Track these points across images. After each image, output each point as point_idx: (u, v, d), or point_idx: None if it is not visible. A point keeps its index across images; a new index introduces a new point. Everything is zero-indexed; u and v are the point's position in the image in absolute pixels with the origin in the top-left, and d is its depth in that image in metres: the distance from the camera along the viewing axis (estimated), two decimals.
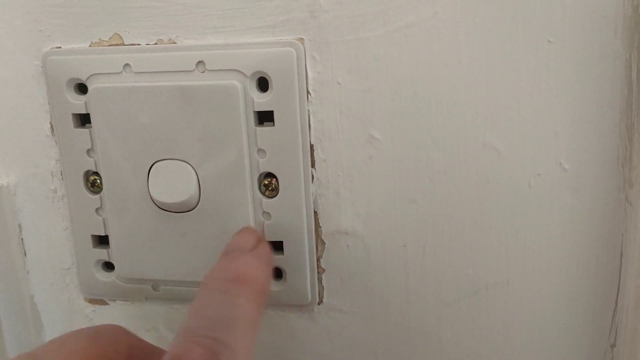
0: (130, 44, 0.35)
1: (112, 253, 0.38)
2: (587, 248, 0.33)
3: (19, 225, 0.40)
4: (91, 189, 0.38)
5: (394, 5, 0.31)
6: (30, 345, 0.41)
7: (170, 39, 0.35)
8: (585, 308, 0.34)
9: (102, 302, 0.41)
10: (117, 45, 0.35)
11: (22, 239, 0.40)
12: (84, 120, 0.37)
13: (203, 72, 0.34)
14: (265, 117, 0.34)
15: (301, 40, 0.33)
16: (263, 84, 0.34)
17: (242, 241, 0.31)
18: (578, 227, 0.33)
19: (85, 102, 0.36)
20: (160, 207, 0.36)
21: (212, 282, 0.28)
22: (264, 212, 0.35)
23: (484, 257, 0.34)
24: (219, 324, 0.26)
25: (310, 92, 0.34)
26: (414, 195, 0.34)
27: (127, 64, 0.35)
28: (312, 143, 0.34)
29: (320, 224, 0.36)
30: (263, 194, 0.35)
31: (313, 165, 0.35)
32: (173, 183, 0.35)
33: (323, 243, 0.36)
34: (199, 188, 0.35)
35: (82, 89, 0.36)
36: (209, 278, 0.29)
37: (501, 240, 0.34)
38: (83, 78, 0.35)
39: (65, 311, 0.41)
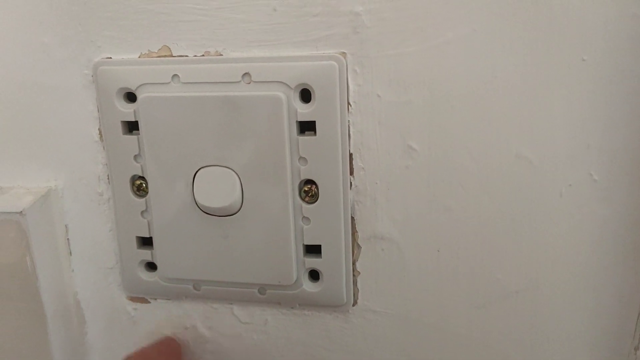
0: (178, 56, 0.37)
1: (155, 254, 0.40)
2: (614, 256, 0.35)
3: (66, 226, 0.42)
4: (137, 192, 0.39)
5: (433, 22, 0.33)
6: (73, 340, 0.43)
7: (217, 51, 0.36)
8: (611, 313, 0.36)
9: (144, 301, 0.42)
10: (165, 56, 0.37)
11: (68, 239, 0.42)
12: (131, 127, 0.38)
13: (249, 83, 0.35)
14: (307, 127, 0.36)
15: (343, 54, 0.35)
16: (306, 95, 0.35)
17: None
18: (606, 236, 0.34)
19: (134, 110, 0.37)
20: (203, 211, 0.38)
21: None
22: (303, 217, 0.37)
23: (515, 263, 0.36)
24: None
25: (351, 103, 0.35)
26: (448, 203, 0.36)
27: (175, 75, 0.36)
28: (351, 152, 0.36)
29: (357, 229, 0.37)
30: (303, 199, 0.37)
31: (352, 173, 0.36)
32: (217, 188, 0.37)
33: (359, 247, 0.38)
34: (242, 193, 0.37)
35: (131, 97, 0.38)
36: None
37: (532, 247, 0.35)
38: (133, 87, 0.37)
39: (107, 308, 0.43)
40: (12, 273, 0.40)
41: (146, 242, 0.41)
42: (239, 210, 0.37)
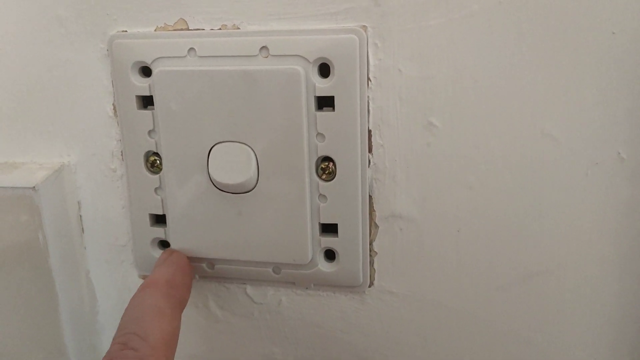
0: (195, 29, 0.36)
1: (168, 231, 0.39)
2: None
3: (78, 203, 0.42)
4: (151, 169, 0.39)
5: None
6: (85, 318, 0.43)
7: (234, 25, 0.35)
8: (635, 298, 0.35)
9: None
10: (182, 29, 0.36)
11: (80, 215, 0.42)
12: (146, 102, 0.38)
13: (266, 57, 0.35)
14: (325, 102, 0.35)
15: (364, 27, 0.34)
16: (324, 70, 0.35)
17: (157, 261, 0.38)
18: (633, 217, 0.34)
19: (149, 85, 0.37)
20: (218, 188, 0.37)
21: (131, 298, 0.35)
22: (320, 194, 0.36)
23: (537, 244, 0.35)
24: (130, 321, 0.32)
25: (371, 78, 0.34)
26: (470, 181, 0.35)
27: (191, 48, 0.36)
28: (370, 129, 0.35)
29: (375, 208, 0.37)
30: (320, 177, 0.36)
31: (370, 151, 0.36)
32: (233, 164, 0.36)
33: (376, 226, 0.37)
34: (258, 170, 0.36)
35: (146, 72, 0.37)
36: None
37: (555, 228, 0.35)
38: (148, 61, 0.36)
39: (119, 287, 0.43)
40: (24, 249, 0.39)
41: (159, 219, 0.40)
42: (255, 187, 0.36)
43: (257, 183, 0.36)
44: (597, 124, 0.32)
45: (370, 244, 0.37)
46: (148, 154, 0.39)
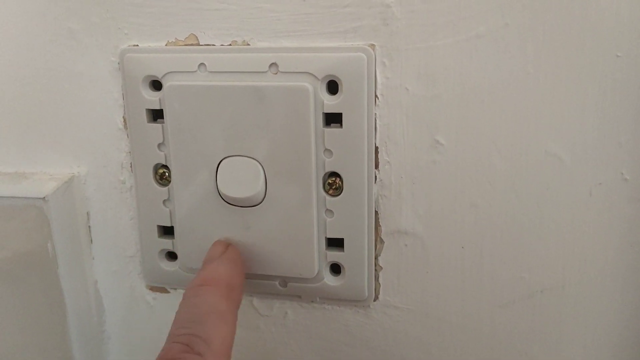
0: (205, 44, 0.37)
1: (176, 243, 0.40)
2: None
3: (87, 213, 0.42)
4: (160, 181, 0.39)
5: (465, 15, 0.33)
6: (92, 328, 0.43)
7: (244, 41, 0.36)
8: (637, 316, 0.35)
9: (164, 290, 0.42)
10: (192, 45, 0.37)
11: (89, 226, 0.42)
12: (156, 115, 0.38)
13: (276, 73, 0.35)
14: (333, 119, 0.36)
15: (372, 46, 0.34)
16: (333, 87, 0.35)
17: (212, 252, 0.37)
18: (636, 236, 0.34)
19: (160, 99, 0.37)
20: (226, 202, 0.37)
21: (187, 292, 0.33)
22: (327, 209, 0.37)
23: (541, 262, 0.35)
24: (192, 322, 0.30)
25: (379, 96, 0.35)
26: (474, 200, 0.35)
27: (202, 64, 0.36)
28: (377, 145, 0.36)
29: (381, 224, 0.37)
30: (327, 192, 0.36)
31: (377, 167, 0.36)
32: (241, 179, 0.36)
33: (382, 242, 0.37)
34: (265, 184, 0.37)
35: (156, 86, 0.38)
36: (186, 289, 0.34)
37: (559, 246, 0.35)
38: (159, 75, 0.37)
39: (126, 297, 0.43)
40: (33, 259, 0.40)
41: (167, 231, 0.41)
42: (262, 201, 0.37)
43: (264, 197, 0.37)
44: (601, 144, 0.33)
45: (376, 258, 0.38)
46: (157, 167, 0.39)
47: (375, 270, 0.38)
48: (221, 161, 0.37)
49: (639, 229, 0.34)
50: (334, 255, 0.38)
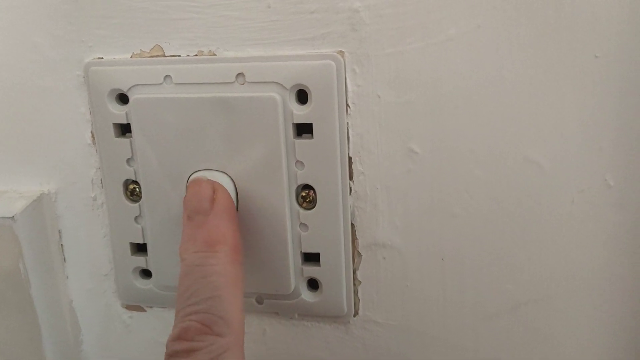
0: (171, 56, 0.35)
1: (149, 261, 0.39)
2: (630, 266, 0.33)
3: (59, 232, 0.41)
4: (130, 197, 0.38)
5: (435, 18, 0.31)
6: (69, 348, 0.42)
7: (210, 51, 0.35)
8: (625, 324, 0.34)
9: (140, 309, 0.41)
10: (158, 56, 0.36)
11: (61, 245, 0.41)
12: (124, 130, 0.37)
13: (243, 84, 0.34)
14: (304, 130, 0.34)
15: (341, 53, 0.33)
16: (302, 96, 0.34)
17: (200, 199, 0.32)
18: (622, 244, 0.32)
19: (126, 113, 0.36)
20: None
21: (188, 257, 0.30)
22: (301, 223, 0.35)
23: (525, 273, 0.34)
24: (204, 296, 0.28)
25: (350, 105, 0.34)
26: (453, 209, 0.34)
27: (167, 75, 0.35)
28: (350, 156, 0.34)
29: (357, 236, 0.36)
30: (300, 205, 0.35)
31: (351, 178, 0.35)
32: None
33: (360, 255, 0.36)
34: (237, 199, 0.35)
35: (123, 99, 0.36)
36: (183, 252, 0.30)
37: (542, 256, 0.33)
38: (124, 89, 0.36)
39: (102, 316, 0.42)
40: (5, 280, 0.39)
41: (141, 248, 0.39)
42: None
43: (236, 212, 0.35)
44: (582, 149, 0.31)
45: (354, 272, 0.36)
46: (127, 182, 0.38)
47: (354, 284, 0.37)
48: (191, 175, 0.36)
49: (626, 237, 0.32)
50: (311, 271, 0.36)
